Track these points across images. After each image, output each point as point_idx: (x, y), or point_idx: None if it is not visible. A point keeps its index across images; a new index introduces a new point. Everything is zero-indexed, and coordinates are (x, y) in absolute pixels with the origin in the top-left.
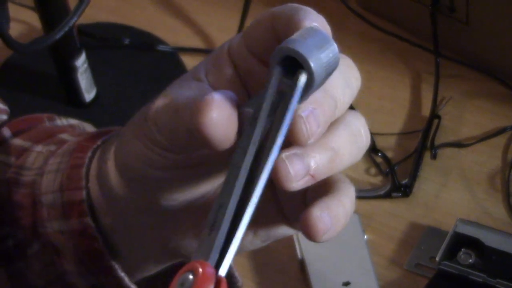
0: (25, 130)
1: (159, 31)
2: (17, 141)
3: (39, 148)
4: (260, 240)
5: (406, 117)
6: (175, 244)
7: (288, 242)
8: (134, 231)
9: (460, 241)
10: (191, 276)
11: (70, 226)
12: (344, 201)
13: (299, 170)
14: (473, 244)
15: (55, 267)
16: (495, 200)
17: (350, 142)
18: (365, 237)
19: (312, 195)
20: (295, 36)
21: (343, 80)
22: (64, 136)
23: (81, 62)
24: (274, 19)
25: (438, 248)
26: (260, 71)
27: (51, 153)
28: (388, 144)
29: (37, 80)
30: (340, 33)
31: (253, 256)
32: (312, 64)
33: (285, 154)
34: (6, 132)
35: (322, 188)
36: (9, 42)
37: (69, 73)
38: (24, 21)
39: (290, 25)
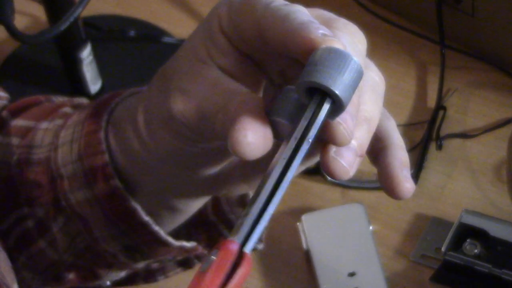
0: (24, 110)
1: (164, 23)
2: (19, 122)
3: (44, 125)
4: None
5: (412, 108)
6: (226, 191)
7: (293, 233)
8: (176, 193)
9: (466, 232)
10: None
11: (96, 192)
12: (401, 143)
13: (350, 160)
14: (479, 234)
15: (83, 238)
16: (501, 190)
17: (375, 100)
18: (371, 228)
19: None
20: (313, 64)
21: (356, 52)
22: (67, 109)
23: (86, 54)
24: (262, 30)
25: (443, 238)
26: (262, 50)
27: (59, 127)
28: None
29: (43, 72)
30: None
31: None
32: (338, 92)
33: (333, 150)
34: (5, 114)
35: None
36: (14, 33)
37: (75, 65)
38: (29, 14)
39: (287, 45)
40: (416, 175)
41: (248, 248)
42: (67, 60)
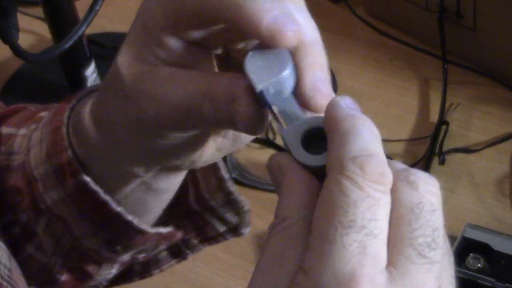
0: (11, 115)
1: None
2: (4, 130)
3: (22, 131)
4: (236, 146)
5: (415, 123)
6: (199, 163)
7: None
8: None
9: (469, 246)
10: None
11: (68, 190)
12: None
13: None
14: (482, 248)
15: (66, 239)
16: (504, 204)
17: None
18: None
19: None
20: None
21: (304, 17)
22: (43, 114)
23: (90, 71)
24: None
25: None
26: (205, 31)
27: (32, 131)
28: (397, 150)
29: (47, 89)
30: (349, 41)
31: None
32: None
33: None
34: None
35: None
36: (18, 51)
37: (79, 82)
38: (34, 32)
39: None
40: None
41: None
42: (72, 78)
